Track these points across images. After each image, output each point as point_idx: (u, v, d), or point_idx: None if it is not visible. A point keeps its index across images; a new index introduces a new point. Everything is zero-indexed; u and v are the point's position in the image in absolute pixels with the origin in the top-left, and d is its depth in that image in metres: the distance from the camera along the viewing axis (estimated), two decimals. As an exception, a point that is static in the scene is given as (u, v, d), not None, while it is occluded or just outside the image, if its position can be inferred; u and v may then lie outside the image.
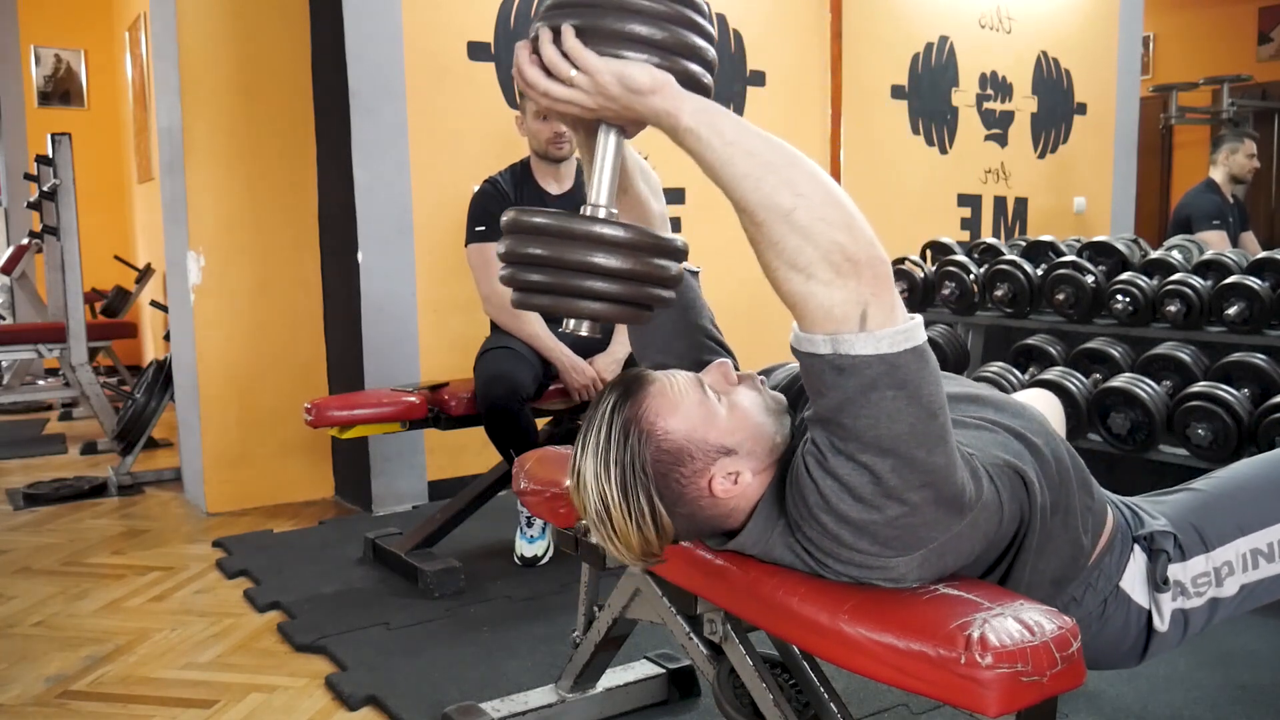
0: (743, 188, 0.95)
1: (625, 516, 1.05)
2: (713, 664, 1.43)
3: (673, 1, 0.98)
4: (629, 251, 0.99)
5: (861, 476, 0.96)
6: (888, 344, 0.93)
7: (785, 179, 0.94)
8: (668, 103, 0.96)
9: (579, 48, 0.96)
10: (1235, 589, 1.22)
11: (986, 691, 0.91)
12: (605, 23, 0.96)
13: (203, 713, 1.92)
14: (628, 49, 0.96)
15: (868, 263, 0.93)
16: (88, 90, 6.82)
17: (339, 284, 3.36)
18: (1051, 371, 2.71)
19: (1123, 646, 1.22)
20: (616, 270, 0.99)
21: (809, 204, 0.93)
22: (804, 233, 0.92)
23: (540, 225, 0.99)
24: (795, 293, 0.95)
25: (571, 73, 0.97)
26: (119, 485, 3.66)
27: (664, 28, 0.97)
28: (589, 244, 0.98)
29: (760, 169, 0.94)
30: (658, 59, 0.97)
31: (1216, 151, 4.55)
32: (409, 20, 3.21)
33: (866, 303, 0.92)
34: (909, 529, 0.99)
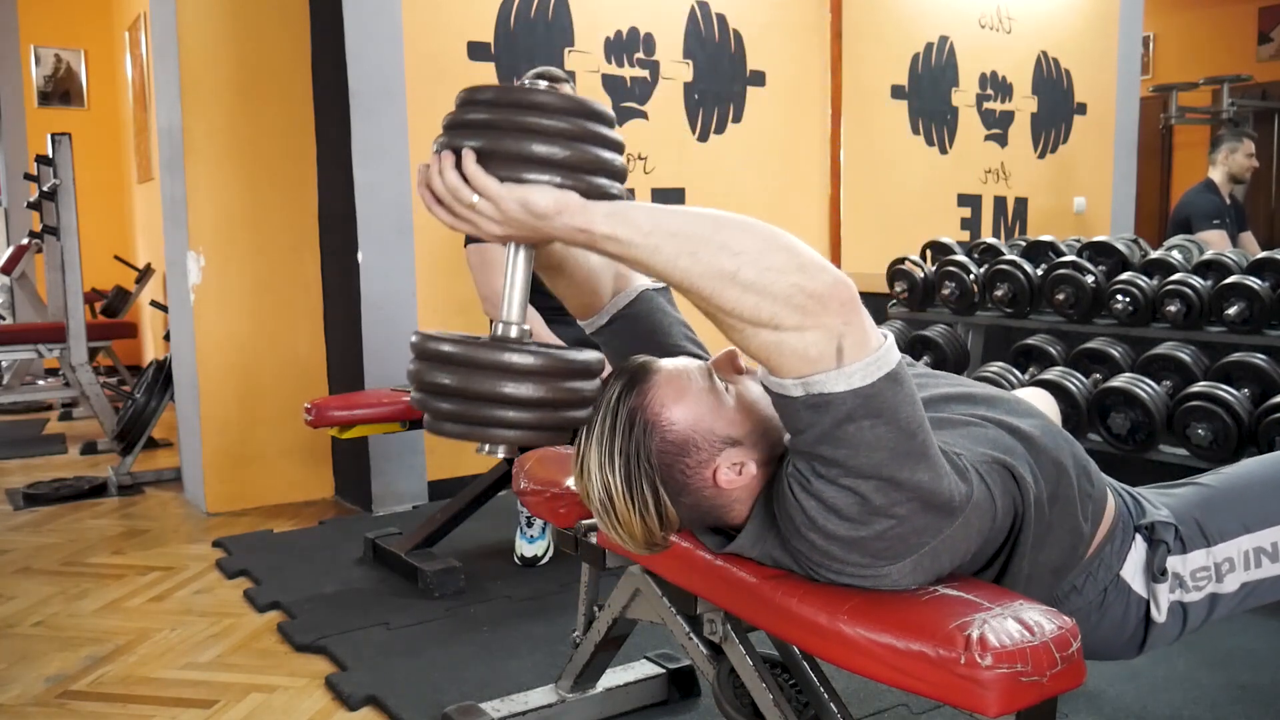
0: (679, 269, 0.92)
1: (629, 506, 1.05)
2: (713, 664, 1.43)
3: (574, 116, 0.95)
4: (540, 378, 0.96)
5: (846, 498, 0.97)
6: (860, 377, 0.92)
7: (718, 244, 0.92)
8: (576, 220, 0.93)
9: (479, 174, 0.93)
10: (1236, 586, 1.21)
11: (986, 692, 0.91)
12: (505, 145, 0.93)
13: (203, 713, 1.92)
14: (530, 170, 0.93)
15: (831, 293, 0.91)
16: (88, 90, 6.82)
17: (339, 284, 3.36)
18: (1051, 371, 2.71)
19: (1121, 637, 1.22)
20: (527, 399, 0.96)
21: (750, 259, 0.91)
22: (756, 288, 0.91)
23: (447, 354, 0.97)
24: (766, 346, 0.93)
25: (474, 199, 0.94)
26: (119, 485, 3.66)
27: (566, 145, 0.94)
28: (497, 374, 0.96)
29: (690, 245, 0.92)
30: (561, 178, 0.94)
31: (1215, 151, 4.55)
32: (409, 20, 3.21)
33: (840, 334, 0.91)
34: (899, 538, 0.99)
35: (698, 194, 3.84)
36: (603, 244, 0.95)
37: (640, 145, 3.72)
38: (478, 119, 0.95)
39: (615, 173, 0.98)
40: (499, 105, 0.95)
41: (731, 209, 0.97)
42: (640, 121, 3.71)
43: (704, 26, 3.85)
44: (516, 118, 0.94)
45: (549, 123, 0.94)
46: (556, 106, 0.95)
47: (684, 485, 1.06)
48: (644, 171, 3.73)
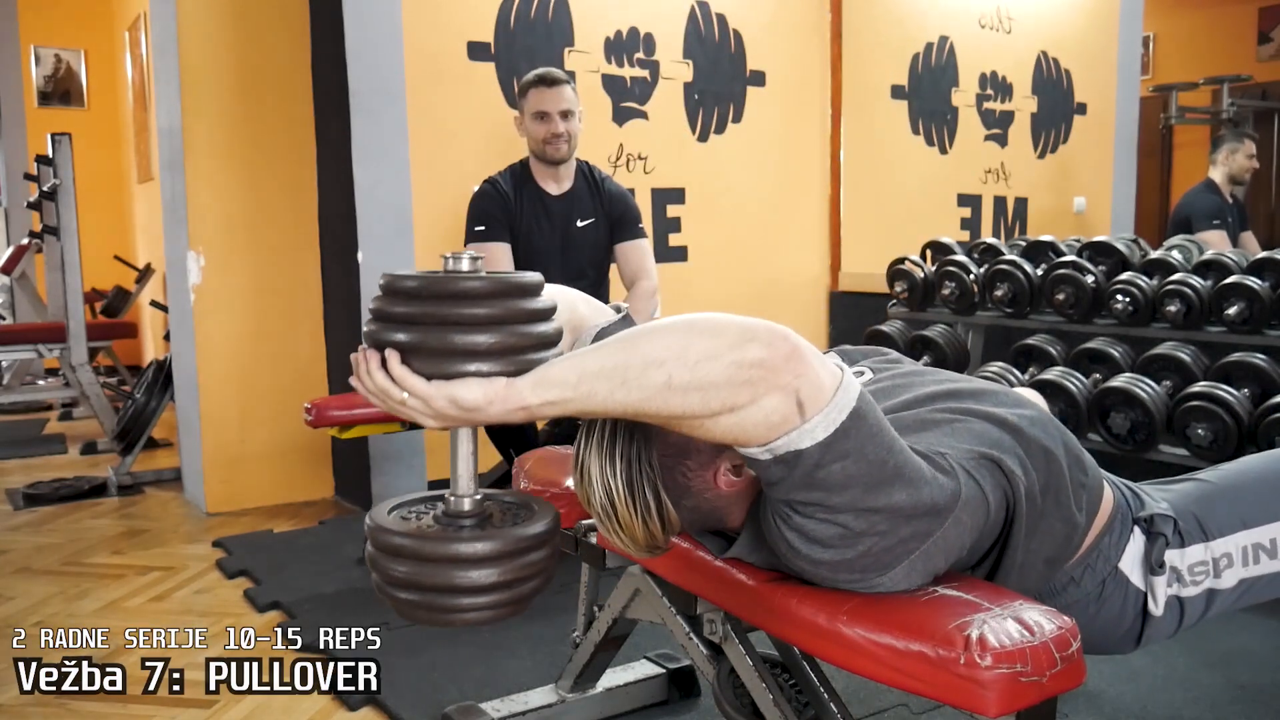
0: (619, 402, 0.92)
1: (630, 511, 1.05)
2: (713, 664, 1.43)
3: (500, 299, 0.93)
4: (494, 562, 0.96)
5: (827, 529, 0.98)
6: (823, 429, 0.92)
7: (640, 364, 0.91)
8: (509, 405, 0.92)
9: (406, 375, 0.93)
10: (1234, 582, 1.21)
11: (986, 692, 0.91)
12: (430, 339, 0.92)
13: (203, 713, 1.92)
14: (457, 363, 0.92)
15: (772, 354, 0.91)
16: (88, 90, 6.82)
17: (339, 284, 3.36)
18: (1051, 371, 2.71)
19: (1119, 630, 1.22)
20: (484, 585, 0.96)
21: (677, 361, 0.90)
22: (696, 385, 0.90)
23: (399, 546, 0.97)
24: (731, 430, 0.93)
25: (404, 396, 0.94)
26: (119, 485, 3.66)
27: (493, 332, 0.92)
28: (450, 565, 0.95)
29: (617, 376, 0.91)
30: (490, 365, 0.92)
31: (1216, 152, 4.55)
32: (409, 20, 3.21)
33: (796, 388, 0.91)
34: (886, 551, 1.00)
35: (698, 194, 3.84)
36: (541, 412, 0.94)
37: (640, 145, 3.72)
38: (402, 312, 0.94)
39: (546, 343, 0.96)
40: (423, 297, 0.93)
41: (731, 209, 0.97)
42: (640, 121, 3.71)
43: (704, 26, 3.84)
44: (441, 310, 0.92)
45: (474, 311, 0.92)
46: (481, 292, 0.93)
47: (685, 488, 1.07)
48: (644, 172, 3.73)
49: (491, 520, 1.02)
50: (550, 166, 2.77)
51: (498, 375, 0.92)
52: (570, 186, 2.81)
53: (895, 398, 1.20)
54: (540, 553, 1.00)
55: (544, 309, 0.97)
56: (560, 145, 2.71)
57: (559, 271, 2.79)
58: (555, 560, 1.03)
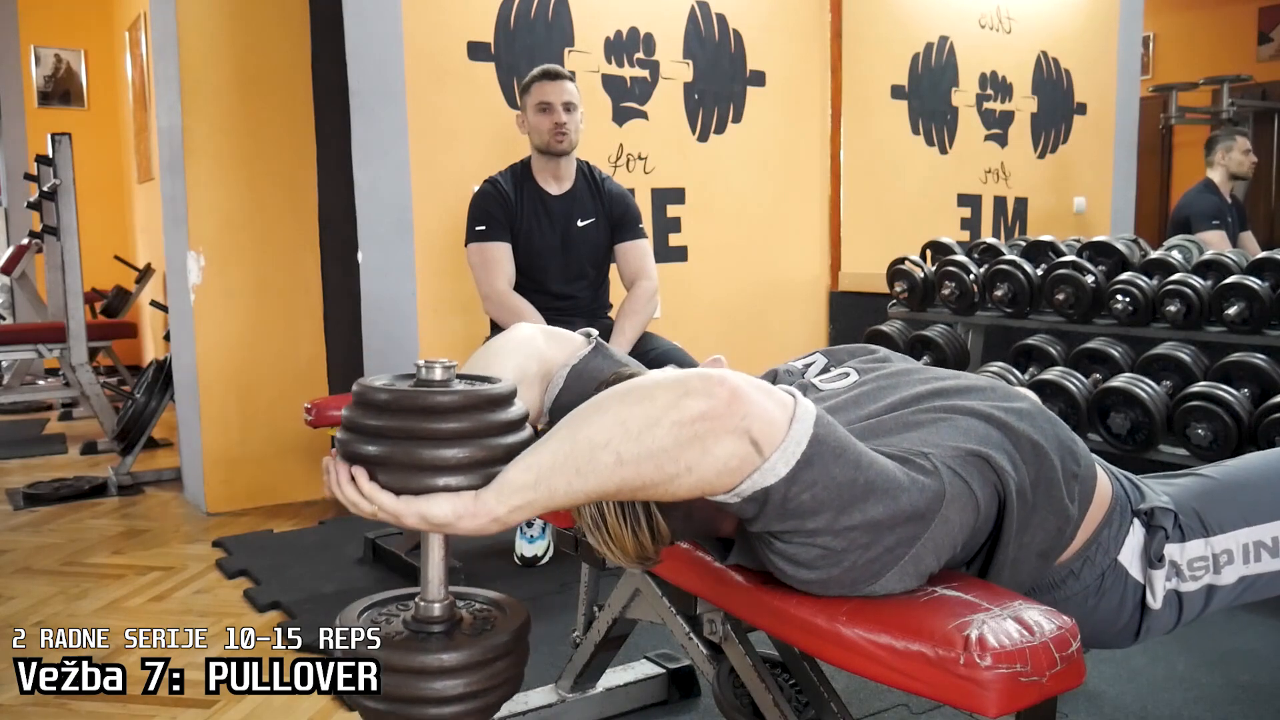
0: (579, 491, 0.92)
1: (620, 522, 1.05)
2: (713, 664, 1.43)
3: (471, 413, 0.93)
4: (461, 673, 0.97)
5: (808, 552, 0.99)
6: (784, 464, 0.93)
7: (585, 448, 0.91)
8: (479, 519, 0.92)
9: (374, 491, 0.93)
10: (1233, 579, 1.20)
11: (986, 692, 0.91)
12: (397, 455, 0.92)
13: (203, 713, 1.92)
14: (427, 477, 0.91)
15: (711, 400, 0.90)
16: (88, 90, 6.82)
17: (339, 284, 3.36)
18: (1051, 371, 2.71)
19: (1117, 623, 1.22)
20: (450, 696, 0.97)
21: (620, 436, 0.90)
22: (645, 455, 0.90)
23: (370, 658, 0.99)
24: (695, 486, 0.93)
25: (374, 510, 0.94)
26: (119, 485, 3.66)
27: (463, 446, 0.92)
28: (417, 676, 0.96)
29: (569, 465, 0.91)
30: (460, 479, 0.92)
31: (1211, 153, 4.54)
32: (409, 20, 3.21)
33: (747, 427, 0.91)
34: (873, 561, 1.01)
35: (698, 194, 3.84)
36: (513, 519, 0.94)
37: (640, 145, 3.72)
38: (372, 425, 0.93)
39: (513, 448, 0.95)
40: (393, 411, 0.93)
41: (731, 209, 0.97)
42: (640, 121, 3.71)
43: (704, 26, 3.84)
44: (410, 425, 0.92)
45: (444, 426, 0.92)
46: (452, 407, 0.92)
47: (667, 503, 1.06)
48: (644, 172, 3.73)
49: (460, 626, 1.02)
50: (551, 164, 2.77)
51: (466, 489, 0.92)
52: (571, 186, 2.81)
53: (881, 400, 1.20)
54: (507, 660, 1.00)
55: (515, 419, 0.96)
56: (562, 136, 2.71)
57: (559, 271, 2.79)
58: (524, 665, 1.04)
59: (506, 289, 2.70)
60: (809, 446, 0.94)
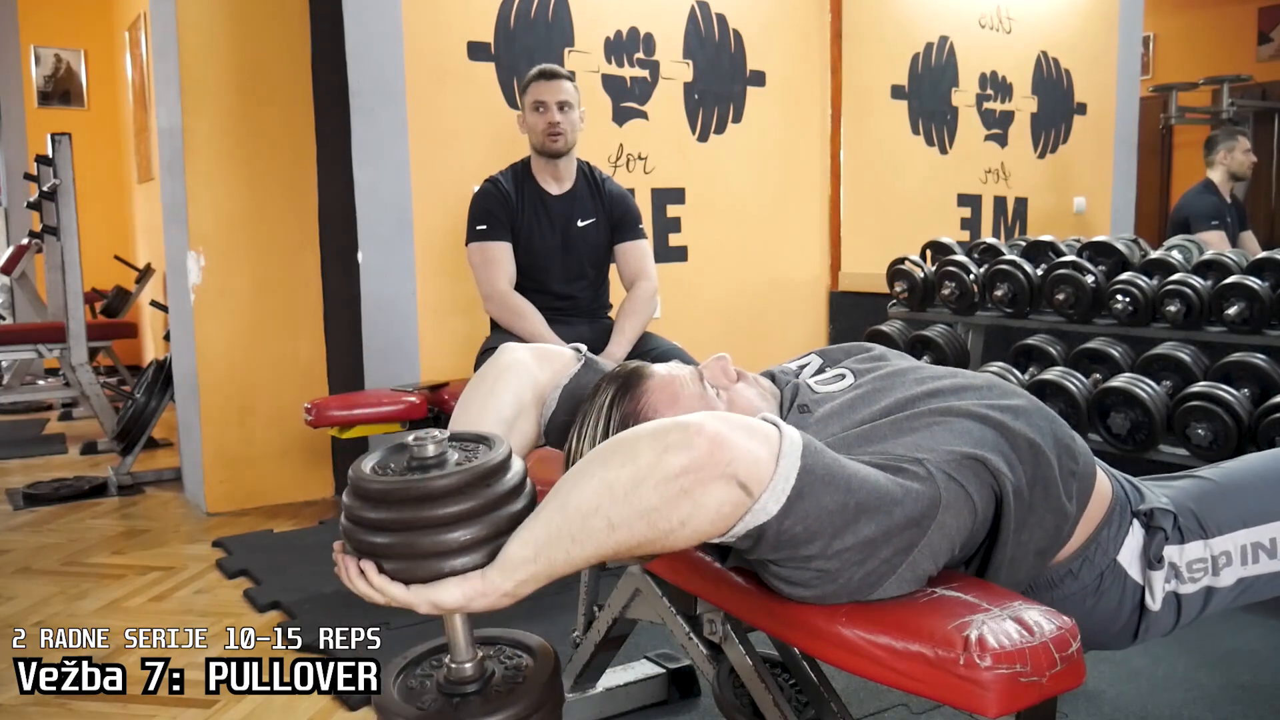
0: (577, 557, 0.93)
1: None
2: (713, 664, 1.43)
3: (473, 490, 0.92)
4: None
5: (804, 574, 1.00)
6: (774, 502, 0.93)
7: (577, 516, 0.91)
8: (489, 598, 0.93)
9: (385, 584, 0.93)
10: (1232, 581, 1.20)
11: (986, 692, 0.91)
12: (400, 546, 0.91)
13: (203, 713, 1.92)
14: (432, 564, 0.91)
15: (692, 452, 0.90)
16: (88, 90, 6.82)
17: (339, 284, 3.36)
18: (1051, 371, 2.71)
19: (1116, 624, 1.22)
20: None
21: (610, 500, 0.91)
22: (637, 514, 0.90)
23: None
24: (688, 538, 0.93)
25: (384, 602, 0.95)
26: (119, 485, 3.66)
27: (468, 527, 0.91)
28: None
29: (564, 534, 0.92)
30: (467, 558, 0.91)
31: (1213, 153, 4.54)
32: (409, 20, 3.21)
33: (733, 472, 0.91)
34: (870, 573, 1.01)
35: (698, 194, 3.84)
36: (522, 592, 0.94)
37: (640, 145, 3.72)
38: (372, 518, 0.93)
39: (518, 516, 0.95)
40: (390, 502, 0.92)
41: (731, 209, 0.97)
42: (640, 121, 3.71)
43: (704, 26, 3.84)
44: (409, 515, 0.91)
45: (445, 511, 0.91)
46: (452, 489, 0.91)
47: None
48: (644, 172, 3.73)
49: (492, 684, 1.01)
50: (550, 164, 2.77)
51: (474, 569, 0.92)
52: (571, 186, 2.81)
53: (876, 403, 1.19)
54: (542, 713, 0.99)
55: (514, 486, 0.95)
56: (557, 135, 2.71)
57: (559, 271, 2.79)
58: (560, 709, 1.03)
59: (507, 288, 2.70)
60: (798, 480, 0.94)
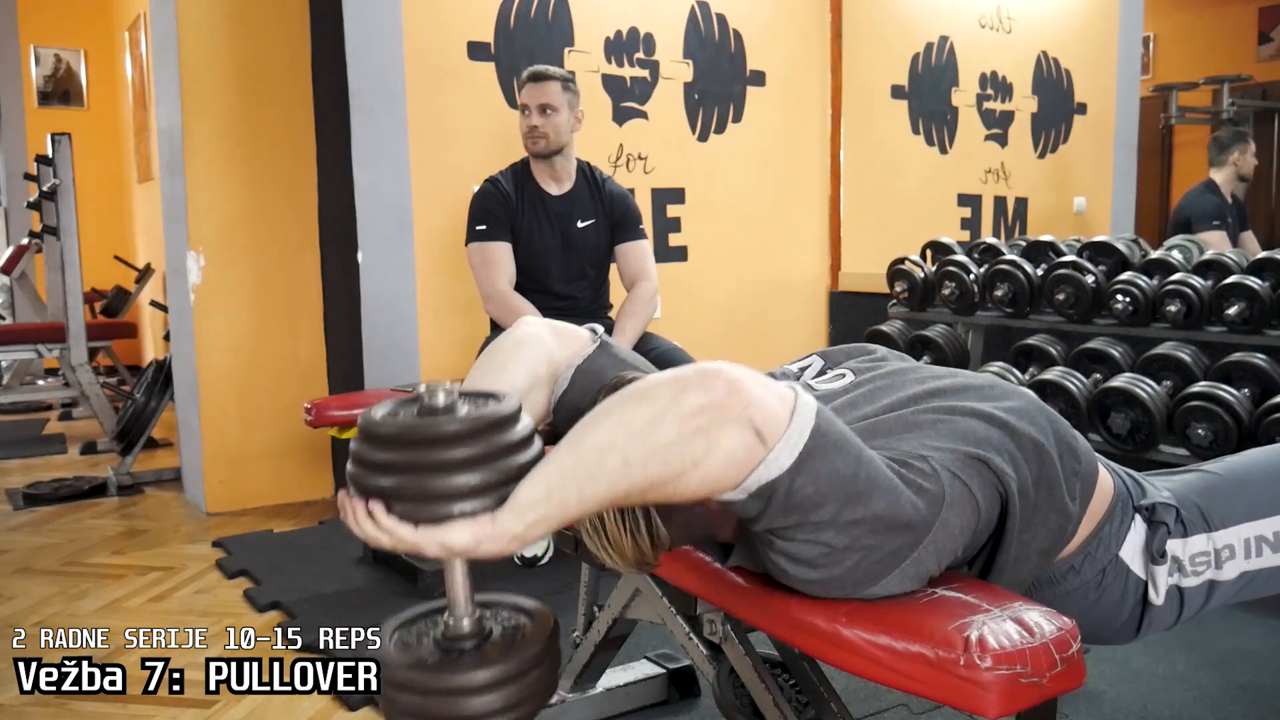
0: (593, 497, 0.92)
1: (620, 528, 1.05)
2: (713, 664, 1.43)
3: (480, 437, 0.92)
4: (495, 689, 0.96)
5: (811, 550, 0.99)
6: (788, 455, 0.93)
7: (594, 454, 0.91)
8: (498, 541, 0.92)
9: (393, 525, 0.92)
10: (1235, 574, 1.21)
11: (986, 693, 0.91)
12: (410, 487, 0.91)
13: (203, 713, 1.92)
14: (442, 505, 0.91)
15: (711, 392, 0.91)
16: (88, 90, 6.82)
17: (339, 284, 3.36)
18: (1051, 371, 2.71)
19: (1118, 619, 1.22)
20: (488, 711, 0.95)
21: (627, 437, 0.91)
22: (652, 452, 0.90)
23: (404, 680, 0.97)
24: (703, 482, 0.93)
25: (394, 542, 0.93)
26: (119, 485, 3.66)
27: (476, 471, 0.91)
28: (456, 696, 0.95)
29: (580, 473, 0.91)
30: (475, 502, 0.91)
31: (1224, 154, 4.54)
32: (409, 20, 3.21)
33: (750, 416, 0.91)
34: (875, 564, 1.01)
35: (698, 194, 3.84)
36: (532, 535, 0.93)
37: (640, 145, 3.72)
38: (382, 460, 0.92)
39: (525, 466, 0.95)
40: (401, 444, 0.92)
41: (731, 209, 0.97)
42: (640, 121, 3.71)
43: (704, 26, 3.84)
44: (420, 456, 0.91)
45: (455, 454, 0.91)
46: (461, 435, 0.91)
47: (674, 505, 1.06)
48: (644, 172, 3.73)
49: (490, 640, 1.01)
50: (549, 165, 2.77)
51: (482, 513, 0.91)
52: (571, 187, 2.81)
53: (877, 401, 1.19)
54: (540, 670, 0.99)
55: (523, 438, 0.95)
56: (536, 139, 2.71)
57: (559, 272, 2.79)
58: (557, 671, 1.03)
59: (507, 289, 2.70)
60: (811, 438, 0.94)
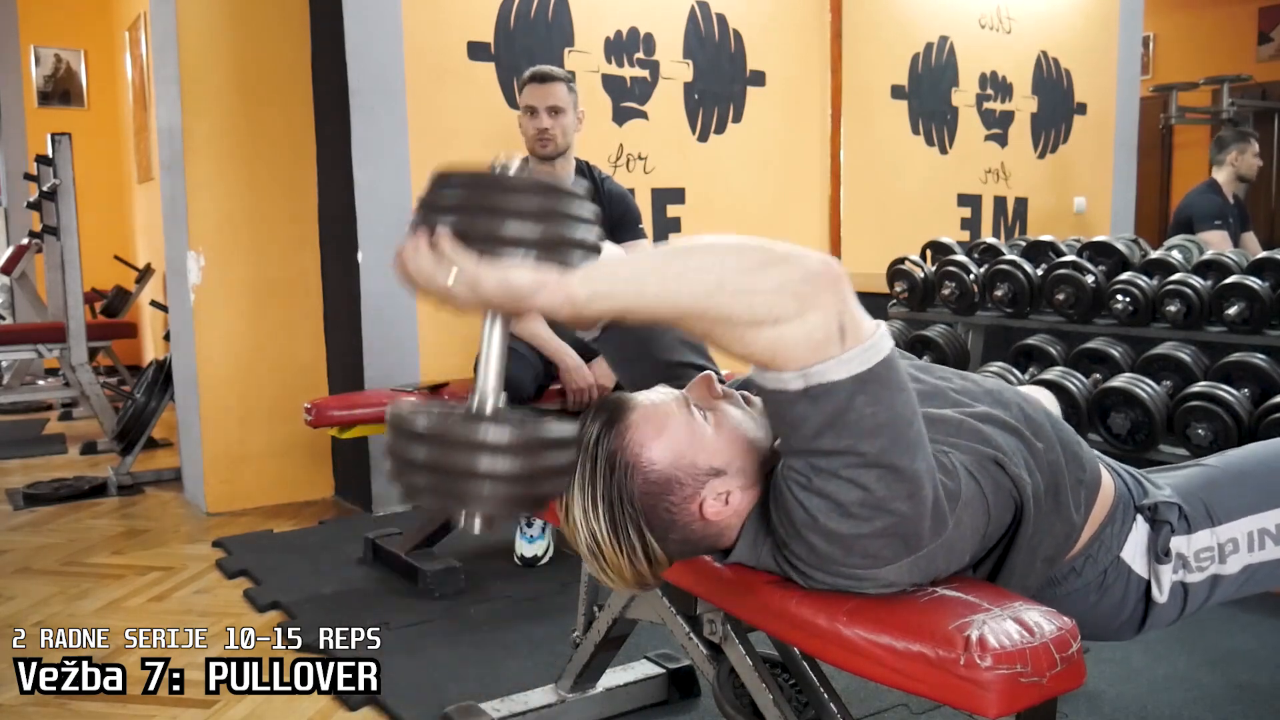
0: (669, 301, 0.91)
1: (616, 551, 1.04)
2: (713, 664, 1.43)
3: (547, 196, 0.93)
4: (516, 452, 0.94)
5: (849, 492, 0.95)
6: (859, 363, 0.90)
7: (696, 266, 0.91)
8: (556, 296, 0.90)
9: (458, 253, 0.91)
10: (1238, 568, 1.21)
11: (986, 693, 0.91)
12: (479, 225, 0.91)
13: (203, 713, 1.92)
14: (506, 250, 0.91)
15: (822, 273, 0.90)
16: (88, 90, 6.82)
17: (339, 284, 3.36)
18: (1051, 371, 2.71)
19: (1120, 617, 1.22)
20: (503, 474, 0.94)
21: (733, 267, 0.90)
22: (747, 289, 0.89)
23: (421, 431, 0.95)
24: (772, 343, 0.91)
25: (450, 276, 0.91)
26: (119, 485, 3.66)
27: (540, 224, 0.91)
28: (472, 449, 0.93)
29: (671, 272, 0.91)
30: (537, 255, 0.91)
31: (1224, 153, 4.54)
32: (409, 20, 3.21)
33: (840, 311, 0.90)
34: (899, 537, 0.98)
35: (698, 194, 3.84)
36: (588, 309, 0.92)
37: (640, 145, 3.72)
38: (452, 199, 0.93)
39: (590, 249, 0.96)
40: (472, 187, 0.93)
41: (731, 209, 0.98)
42: (640, 121, 3.71)
43: (704, 26, 3.85)
44: (490, 199, 0.92)
45: (523, 202, 0.92)
46: (530, 187, 0.92)
47: (670, 522, 1.05)
48: (644, 171, 3.73)
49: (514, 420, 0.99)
50: (546, 164, 2.77)
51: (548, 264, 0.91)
52: (570, 186, 2.81)
53: None
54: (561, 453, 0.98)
55: (591, 214, 0.96)
56: (546, 141, 2.71)
57: (559, 271, 2.78)
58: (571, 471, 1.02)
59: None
60: (883, 364, 0.91)
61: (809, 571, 1.04)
